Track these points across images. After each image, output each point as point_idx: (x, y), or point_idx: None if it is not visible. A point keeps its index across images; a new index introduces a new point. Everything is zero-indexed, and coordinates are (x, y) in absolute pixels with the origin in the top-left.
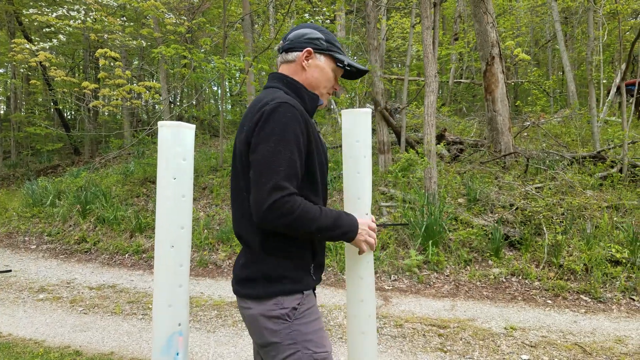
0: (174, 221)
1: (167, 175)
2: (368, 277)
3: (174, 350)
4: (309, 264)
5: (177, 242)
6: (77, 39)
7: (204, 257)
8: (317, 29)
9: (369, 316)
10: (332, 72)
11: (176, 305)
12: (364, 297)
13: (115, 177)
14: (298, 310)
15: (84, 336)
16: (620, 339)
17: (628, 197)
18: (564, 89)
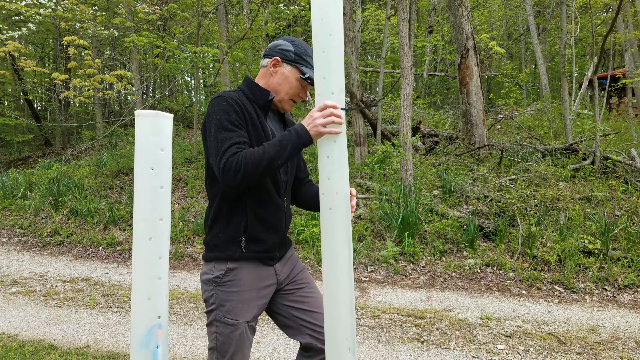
0: (152, 213)
1: (144, 166)
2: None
3: (153, 343)
4: (238, 236)
5: (156, 234)
6: (48, 28)
7: (180, 250)
8: (293, 42)
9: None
10: (296, 82)
11: (155, 297)
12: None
13: (88, 169)
14: (221, 279)
15: (59, 330)
16: (594, 328)
17: (600, 188)
18: (536, 82)
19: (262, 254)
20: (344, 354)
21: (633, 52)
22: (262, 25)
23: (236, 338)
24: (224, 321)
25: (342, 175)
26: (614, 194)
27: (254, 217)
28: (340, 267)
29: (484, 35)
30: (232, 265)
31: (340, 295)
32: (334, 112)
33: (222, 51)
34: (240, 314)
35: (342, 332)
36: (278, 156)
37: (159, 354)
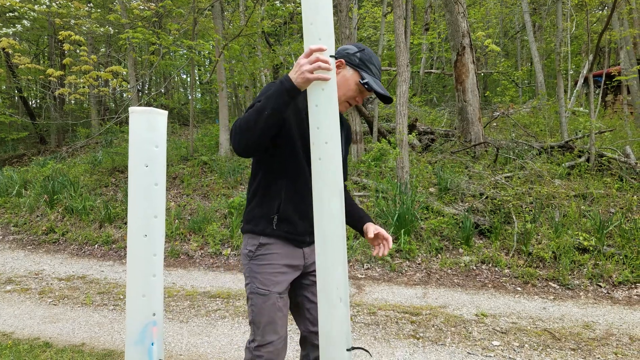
0: (146, 210)
1: (138, 163)
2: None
3: (148, 340)
4: (271, 214)
5: (150, 231)
6: (42, 24)
7: (176, 248)
8: (360, 48)
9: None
10: (354, 85)
11: (150, 295)
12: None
13: (83, 167)
14: (254, 253)
15: (54, 327)
16: (588, 324)
17: (595, 186)
18: (532, 79)
19: (291, 235)
20: (336, 303)
21: (628, 50)
22: (258, 22)
23: (268, 308)
24: (256, 292)
25: (331, 125)
26: (608, 191)
27: (288, 200)
28: (331, 220)
29: (480, 33)
30: (264, 240)
31: (331, 249)
32: (320, 57)
33: (219, 45)
34: (271, 284)
35: (334, 283)
36: (264, 106)
37: (154, 351)
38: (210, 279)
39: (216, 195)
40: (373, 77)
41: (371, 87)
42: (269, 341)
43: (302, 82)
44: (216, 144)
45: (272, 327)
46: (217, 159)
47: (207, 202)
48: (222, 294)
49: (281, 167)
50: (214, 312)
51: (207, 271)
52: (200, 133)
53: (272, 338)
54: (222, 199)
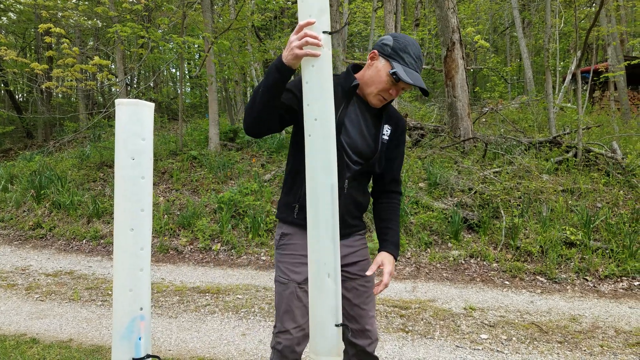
0: (133, 204)
1: (125, 156)
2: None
3: (135, 335)
4: (293, 202)
5: (137, 225)
6: (29, 17)
7: (165, 243)
8: (395, 37)
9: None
10: (386, 77)
11: (137, 289)
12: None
13: (71, 161)
14: (279, 242)
15: (41, 323)
16: (575, 317)
17: (582, 181)
18: (521, 75)
19: None
20: (324, 278)
21: (615, 46)
22: (248, 15)
23: (286, 296)
24: (278, 280)
25: (322, 102)
26: (595, 186)
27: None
28: (321, 195)
29: (469, 29)
30: (286, 230)
31: (321, 224)
32: (308, 33)
33: (208, 41)
34: (291, 274)
35: (322, 258)
36: (259, 85)
37: (142, 345)
38: (200, 275)
39: (206, 190)
40: (405, 67)
41: (399, 77)
42: (286, 329)
43: (292, 59)
44: (206, 139)
45: (290, 316)
46: (207, 153)
47: (196, 197)
48: (212, 289)
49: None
50: (204, 308)
51: (197, 266)
52: (189, 127)
53: (290, 326)
54: (212, 194)
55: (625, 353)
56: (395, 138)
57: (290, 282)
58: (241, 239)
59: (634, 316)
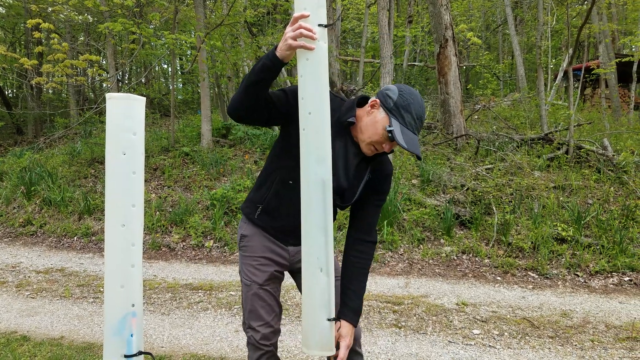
0: (124, 199)
1: (116, 151)
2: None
3: (127, 331)
4: (258, 203)
5: (129, 221)
6: (18, 12)
7: (157, 240)
8: (401, 92)
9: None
10: (381, 130)
11: (129, 285)
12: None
13: (62, 158)
14: (240, 243)
15: (32, 321)
16: (566, 313)
17: (573, 177)
18: (513, 73)
19: (271, 229)
20: (316, 272)
21: (607, 43)
22: (241, 11)
23: (250, 297)
24: (242, 281)
25: (316, 96)
26: (586, 183)
27: (275, 195)
28: (315, 188)
29: (462, 26)
30: (245, 231)
31: (314, 217)
32: (303, 25)
33: (199, 39)
34: (252, 275)
35: (314, 251)
36: (248, 74)
37: (134, 342)
38: (193, 271)
39: (198, 187)
40: (404, 127)
41: (394, 138)
42: (252, 325)
43: (286, 49)
44: (198, 135)
45: (255, 315)
46: (199, 150)
47: (188, 194)
48: (205, 286)
49: (281, 161)
50: (196, 304)
51: (189, 263)
52: (181, 124)
53: (255, 324)
54: (205, 191)
55: (616, 347)
56: (379, 183)
57: (253, 284)
58: (234, 236)
59: (624, 311)
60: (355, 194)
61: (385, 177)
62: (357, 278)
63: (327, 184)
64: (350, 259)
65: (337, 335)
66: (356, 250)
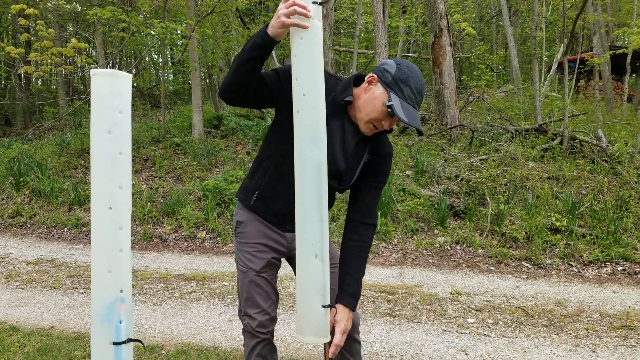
0: (110, 181)
1: (101, 130)
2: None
3: (116, 318)
4: (254, 189)
5: (116, 204)
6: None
7: (148, 231)
8: (399, 66)
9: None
10: (380, 106)
11: (117, 270)
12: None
13: (51, 149)
14: (235, 229)
15: (21, 311)
16: (560, 302)
17: (567, 168)
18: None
19: (267, 215)
20: (311, 259)
21: (602, 33)
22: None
23: (247, 284)
24: (238, 267)
25: (311, 76)
26: (580, 173)
27: (270, 181)
28: (309, 172)
29: (457, 16)
30: (241, 217)
31: (308, 202)
32: (297, 2)
33: (190, 27)
34: (248, 262)
35: (309, 238)
36: (239, 53)
37: (122, 329)
38: (185, 262)
39: (190, 178)
40: (403, 101)
41: (394, 112)
42: (248, 313)
43: (278, 27)
44: (189, 126)
45: (251, 302)
46: (190, 140)
47: (180, 185)
48: (197, 276)
49: (274, 146)
50: (189, 295)
51: (182, 254)
52: (172, 114)
53: (251, 311)
54: (196, 182)
55: (610, 336)
56: (378, 164)
57: (249, 271)
58: (227, 227)
59: (618, 300)
60: (353, 176)
61: (385, 158)
62: (355, 262)
63: (322, 167)
64: (348, 242)
65: (333, 321)
66: (355, 233)
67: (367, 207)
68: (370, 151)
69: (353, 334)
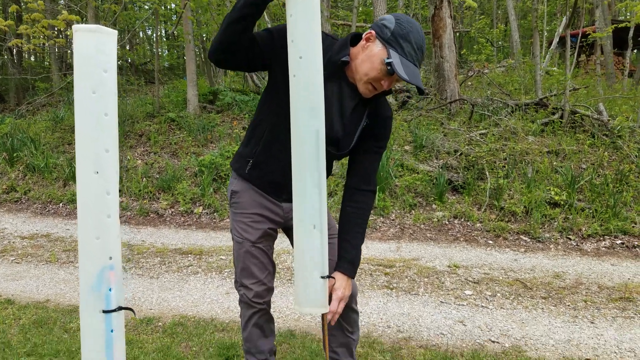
0: (96, 143)
1: (84, 90)
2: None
3: (105, 286)
4: (249, 157)
5: (102, 168)
6: None
7: (144, 206)
8: (398, 20)
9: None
10: (379, 64)
11: (105, 237)
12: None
13: (44, 124)
14: (230, 199)
15: (17, 285)
16: (558, 274)
17: (567, 142)
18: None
19: (263, 184)
20: (310, 229)
21: (604, 5)
22: None
23: (242, 255)
24: (234, 238)
25: (309, 38)
26: (580, 148)
27: (266, 148)
28: (307, 140)
29: None
30: (236, 187)
31: (306, 171)
32: None
33: None
34: (244, 233)
35: (307, 208)
36: (230, 12)
37: (112, 297)
38: (182, 237)
39: (185, 153)
40: (403, 58)
41: (394, 70)
42: (244, 284)
43: None
44: (184, 101)
45: (247, 273)
46: (185, 115)
47: (175, 160)
48: (195, 250)
49: (268, 111)
50: (186, 268)
51: (178, 229)
52: (167, 89)
53: (247, 282)
54: (192, 157)
55: (609, 307)
56: (377, 128)
57: (245, 241)
58: (224, 203)
59: (617, 273)
60: (352, 141)
61: (384, 121)
62: (353, 229)
63: (320, 134)
64: (347, 210)
65: (331, 288)
66: (354, 200)
67: (366, 173)
68: (369, 115)
69: (351, 304)
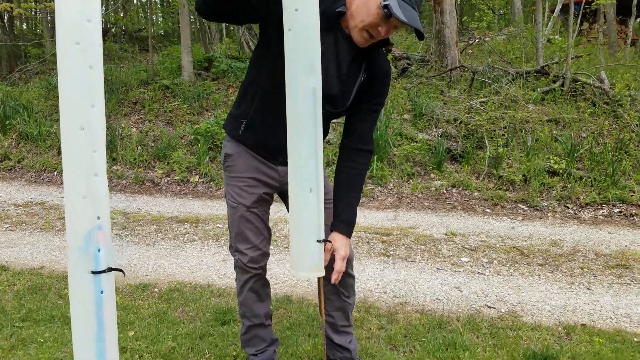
0: (81, 98)
1: (67, 41)
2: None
3: (94, 246)
4: (241, 118)
5: (88, 124)
6: None
7: (140, 175)
8: None
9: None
10: (375, 9)
11: (92, 196)
12: None
13: (37, 92)
14: (224, 163)
15: (11, 252)
16: (556, 242)
17: (568, 110)
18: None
19: (257, 146)
20: (306, 193)
21: None
22: None
23: (237, 220)
24: (228, 203)
25: (307, 6)
26: (581, 116)
27: (259, 108)
28: (303, 99)
29: None
30: (229, 150)
31: (303, 132)
32: None
33: None
34: (238, 197)
35: (304, 172)
36: None
37: (101, 257)
38: (178, 205)
39: (180, 121)
40: (401, 1)
41: (392, 12)
42: (239, 249)
43: None
44: (178, 68)
45: (241, 237)
46: (180, 83)
47: (171, 129)
48: (191, 218)
49: (261, 68)
50: (182, 236)
51: (175, 198)
52: (161, 56)
53: (242, 247)
54: (187, 125)
55: (605, 274)
56: (375, 83)
57: (239, 206)
58: (220, 172)
59: (614, 241)
60: (349, 98)
61: (383, 77)
62: (349, 189)
63: (317, 93)
64: (343, 170)
65: (332, 249)
66: (350, 160)
67: (362, 132)
68: (367, 69)
69: (347, 269)
